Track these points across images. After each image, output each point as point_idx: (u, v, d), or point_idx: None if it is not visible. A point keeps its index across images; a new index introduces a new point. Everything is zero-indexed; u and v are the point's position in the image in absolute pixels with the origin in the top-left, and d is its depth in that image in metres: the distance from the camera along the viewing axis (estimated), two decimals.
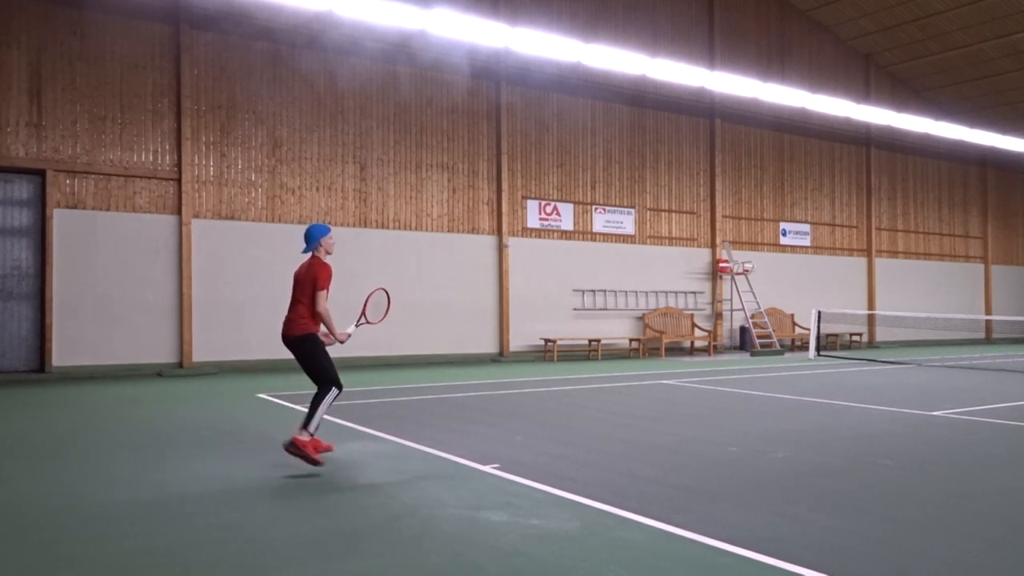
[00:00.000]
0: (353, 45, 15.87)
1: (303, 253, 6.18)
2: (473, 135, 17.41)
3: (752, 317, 20.66)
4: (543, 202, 18.31)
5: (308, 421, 5.77)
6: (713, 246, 20.96)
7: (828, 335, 21.61)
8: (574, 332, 18.43)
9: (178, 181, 14.18)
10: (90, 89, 13.61)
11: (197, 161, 14.43)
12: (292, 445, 5.63)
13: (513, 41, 15.21)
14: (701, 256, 20.84)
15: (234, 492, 5.09)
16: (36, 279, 13.31)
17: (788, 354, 20.05)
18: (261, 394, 10.55)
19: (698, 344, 20.37)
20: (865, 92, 24.11)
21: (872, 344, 23.82)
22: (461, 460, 6.09)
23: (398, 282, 15.90)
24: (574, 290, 18.61)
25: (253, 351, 14.55)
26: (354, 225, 15.85)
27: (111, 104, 13.77)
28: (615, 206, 19.38)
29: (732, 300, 20.97)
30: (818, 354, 19.08)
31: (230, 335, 14.50)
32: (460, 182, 17.24)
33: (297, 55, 15.42)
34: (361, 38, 15.88)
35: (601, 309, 18.97)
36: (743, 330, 20.80)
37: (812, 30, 23.06)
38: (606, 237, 19.23)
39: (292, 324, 5.99)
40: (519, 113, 17.95)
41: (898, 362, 17.03)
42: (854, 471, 5.75)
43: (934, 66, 24.09)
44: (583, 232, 18.87)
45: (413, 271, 16.49)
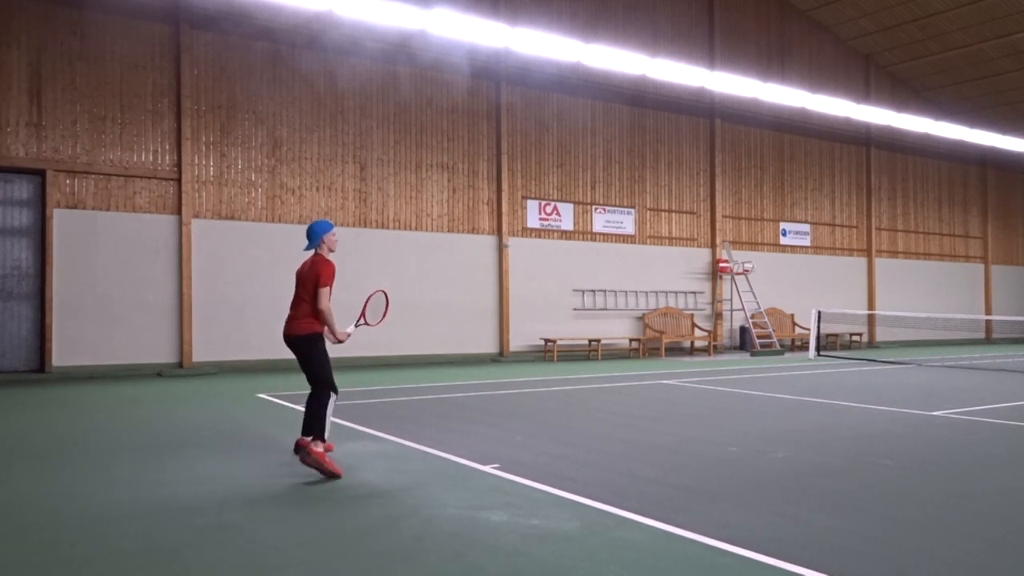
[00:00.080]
0: (353, 45, 15.88)
1: (305, 251, 6.06)
2: (473, 135, 17.41)
3: (752, 317, 20.66)
4: (543, 202, 18.31)
5: (320, 432, 5.65)
6: (713, 246, 20.96)
7: (828, 335, 21.61)
8: (574, 332, 18.43)
9: (178, 181, 14.18)
10: (90, 89, 13.62)
11: (197, 161, 14.43)
12: (307, 455, 5.50)
13: (513, 41, 15.21)
14: (701, 256, 20.84)
15: (234, 492, 5.09)
16: (36, 279, 13.32)
17: (788, 354, 20.05)
18: (261, 394, 10.55)
19: (698, 344, 20.37)
20: (865, 92, 24.11)
21: (872, 344, 23.82)
22: (461, 460, 6.09)
23: (398, 282, 15.92)
24: (574, 290, 18.61)
25: (253, 351, 14.56)
26: (354, 225, 15.85)
27: (111, 104, 13.77)
28: (615, 206, 19.38)
29: (732, 300, 20.97)
30: (818, 354, 19.08)
31: (230, 335, 14.51)
32: (460, 182, 17.24)
33: (297, 55, 15.42)
34: (361, 38, 15.88)
35: (601, 309, 18.97)
36: (743, 330, 20.80)
37: (812, 30, 23.06)
38: (606, 237, 19.23)
39: (295, 323, 5.89)
40: (519, 113, 17.95)
41: (898, 362, 17.03)
42: (854, 471, 5.75)
43: (934, 66, 24.09)
44: (583, 232, 18.87)
45: (413, 271, 16.49)
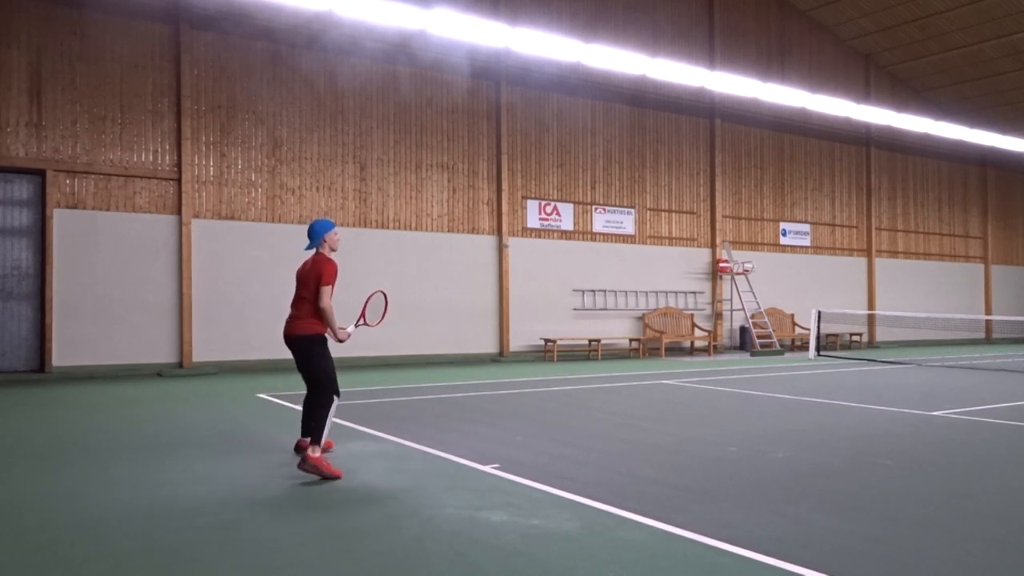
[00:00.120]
0: (353, 45, 15.88)
1: (306, 250, 5.98)
2: (473, 135, 17.41)
3: (752, 317, 20.66)
4: (543, 202, 18.31)
5: (317, 438, 5.53)
6: (713, 246, 20.96)
7: (828, 335, 21.61)
8: (574, 332, 18.43)
9: (178, 181, 14.18)
10: (90, 89, 13.62)
11: (197, 161, 14.43)
12: (304, 463, 5.41)
13: (513, 41, 15.20)
14: (701, 256, 20.84)
15: (234, 492, 5.09)
16: (36, 279, 13.32)
17: (788, 354, 20.05)
18: (261, 394, 10.55)
19: (698, 344, 20.37)
20: (865, 92, 24.11)
21: (872, 344, 23.82)
22: (461, 460, 6.09)
23: (398, 282, 15.92)
24: (574, 290, 18.61)
25: (253, 351, 14.56)
26: (354, 225, 15.85)
27: (111, 104, 13.77)
28: (615, 206, 19.38)
29: (732, 300, 20.97)
30: (818, 354, 19.08)
31: (230, 335, 14.51)
32: (460, 182, 17.24)
33: (297, 55, 15.42)
34: (361, 38, 15.88)
35: (601, 309, 18.97)
36: (743, 330, 20.80)
37: (812, 30, 23.06)
38: (606, 237, 19.23)
39: (297, 323, 5.78)
40: (519, 113, 17.95)
41: (898, 362, 17.03)
42: (854, 471, 5.74)
43: (934, 66, 24.09)
44: (583, 232, 18.87)
45: (413, 271, 16.49)
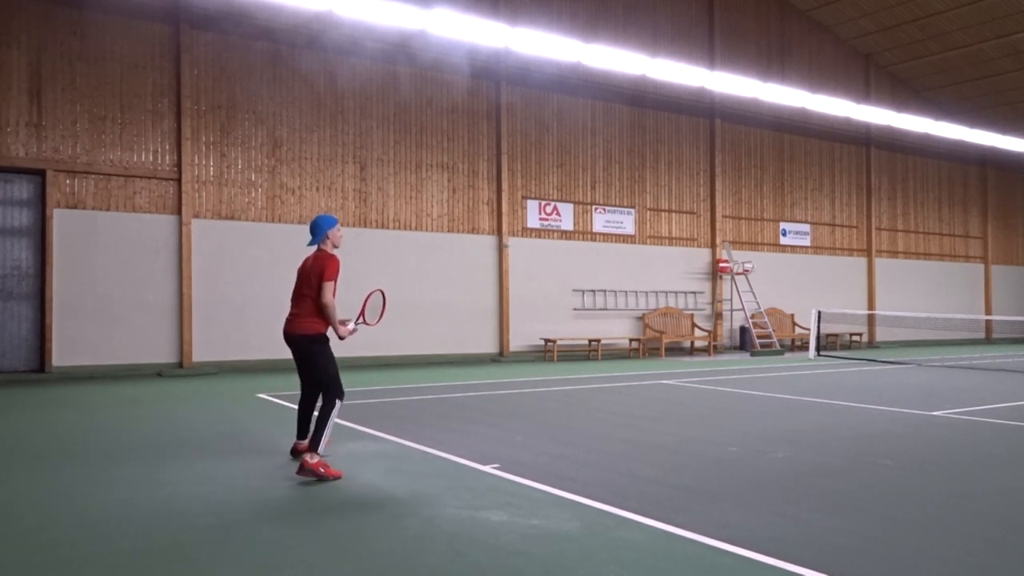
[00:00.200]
0: (353, 45, 15.88)
1: (308, 246, 5.88)
2: (473, 135, 17.41)
3: (752, 317, 20.66)
4: (543, 202, 18.31)
5: (316, 441, 5.37)
6: (713, 246, 20.96)
7: (828, 335, 21.61)
8: (574, 332, 18.43)
9: (178, 181, 14.18)
10: (90, 89, 13.61)
11: (197, 161, 14.43)
12: (302, 469, 5.27)
13: (513, 41, 15.20)
14: (701, 256, 20.84)
15: (234, 492, 5.09)
16: (36, 279, 13.32)
17: (788, 354, 20.05)
18: (261, 394, 10.55)
19: (698, 344, 20.37)
20: (865, 92, 24.11)
21: (872, 344, 23.82)
22: (461, 460, 6.09)
23: (398, 282, 15.92)
24: (574, 290, 18.61)
25: (253, 351, 14.56)
26: (354, 225, 15.85)
27: (111, 104, 13.77)
28: (615, 206, 19.38)
29: (732, 300, 20.97)
30: (818, 354, 19.07)
31: (230, 335, 14.51)
32: (460, 182, 17.24)
33: (297, 55, 15.42)
34: (361, 38, 15.88)
35: (601, 309, 18.97)
36: (743, 330, 20.80)
37: (812, 30, 23.06)
38: (606, 237, 19.23)
39: (298, 321, 5.63)
40: (519, 113, 17.95)
41: (898, 362, 17.03)
42: (854, 471, 5.74)
43: (934, 66, 24.09)
44: (583, 232, 18.87)
45: (413, 271, 16.49)
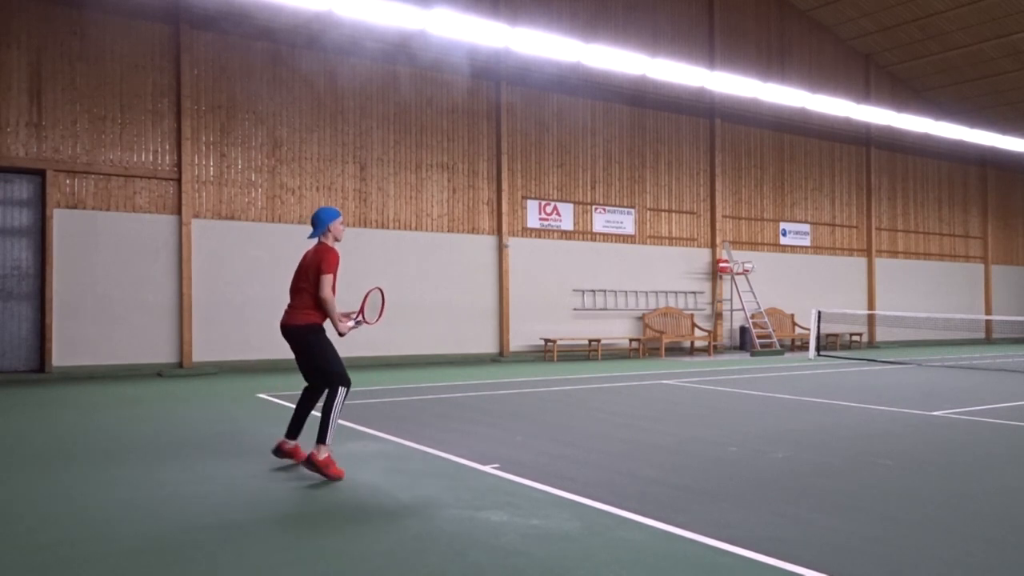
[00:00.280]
0: (353, 45, 15.88)
1: (309, 238, 5.83)
2: (473, 135, 17.41)
3: (752, 317, 20.66)
4: (543, 202, 18.31)
5: (323, 433, 5.34)
6: (713, 246, 20.96)
7: (828, 335, 21.61)
8: (574, 332, 18.43)
9: (178, 181, 14.18)
10: (90, 89, 13.61)
11: (197, 161, 14.43)
12: (309, 462, 5.28)
13: (513, 41, 15.20)
14: (701, 256, 20.84)
15: (234, 492, 5.09)
16: (36, 279, 13.32)
17: (788, 354, 20.04)
18: (261, 394, 10.55)
19: (698, 344, 20.37)
20: (865, 92, 24.11)
21: (872, 344, 23.82)
22: (461, 460, 6.09)
23: (398, 282, 15.92)
24: (574, 290, 18.61)
25: (253, 351, 14.56)
26: (354, 225, 15.85)
27: (111, 104, 13.77)
28: (615, 206, 19.38)
29: (732, 300, 20.97)
30: (818, 354, 19.08)
31: (230, 335, 14.51)
32: (460, 182, 17.24)
33: (297, 55, 15.42)
34: (361, 38, 15.88)
35: (601, 309, 18.97)
36: (743, 330, 20.80)
37: (812, 30, 23.06)
38: (606, 237, 19.23)
39: (296, 313, 5.59)
40: (519, 113, 17.95)
41: (898, 362, 17.02)
42: (854, 471, 5.74)
43: (934, 66, 24.09)
44: (583, 232, 18.87)
45: (413, 271, 16.49)
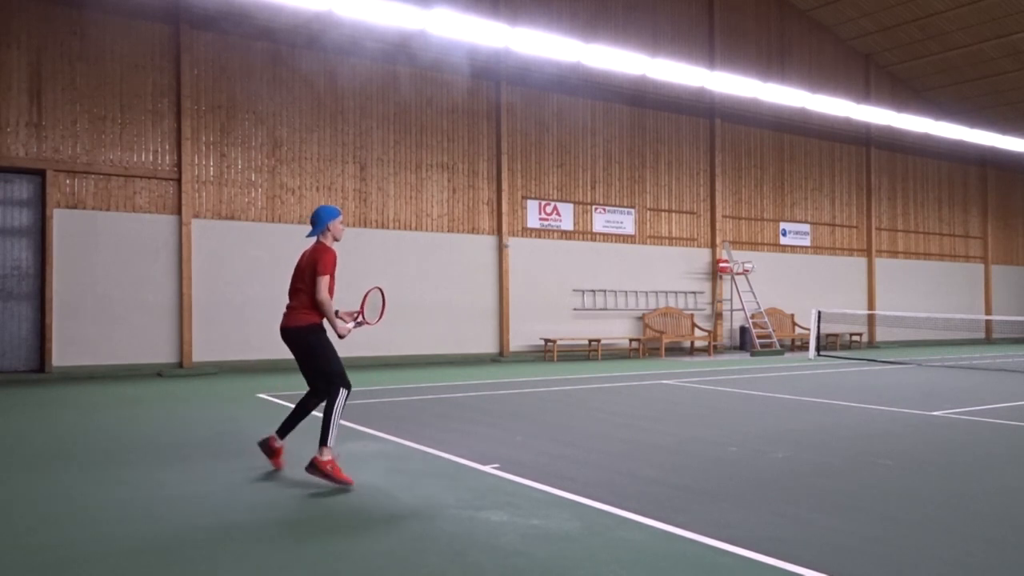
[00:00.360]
0: (353, 45, 15.88)
1: (308, 237, 5.73)
2: (473, 135, 17.41)
3: (752, 317, 20.66)
4: (543, 202, 18.31)
5: (324, 436, 5.25)
6: (713, 246, 20.96)
7: (828, 335, 21.61)
8: (574, 332, 18.43)
9: (178, 181, 14.18)
10: (90, 89, 13.61)
11: (197, 161, 14.43)
12: (312, 467, 5.16)
13: (513, 41, 15.20)
14: (701, 256, 20.84)
15: (234, 492, 5.09)
16: (36, 279, 13.32)
17: (788, 354, 20.04)
18: (261, 394, 10.55)
19: (698, 344, 20.37)
20: (865, 92, 24.11)
21: (872, 344, 23.82)
22: (461, 460, 6.09)
23: (398, 282, 15.92)
24: (574, 290, 18.61)
25: (253, 351, 14.55)
26: (354, 225, 15.85)
27: (111, 104, 13.77)
28: (615, 206, 19.38)
29: (732, 300, 20.97)
30: (818, 354, 19.07)
31: (230, 335, 14.51)
32: (460, 182, 17.24)
33: (297, 55, 15.42)
34: (361, 38, 15.88)
35: (601, 309, 18.97)
36: (743, 330, 20.80)
37: (812, 30, 23.06)
38: (606, 237, 19.23)
39: (294, 314, 5.54)
40: (519, 113, 17.95)
41: (898, 362, 17.02)
42: (854, 471, 5.74)
43: (934, 66, 24.09)
44: (583, 232, 18.87)
45: (413, 271, 16.49)
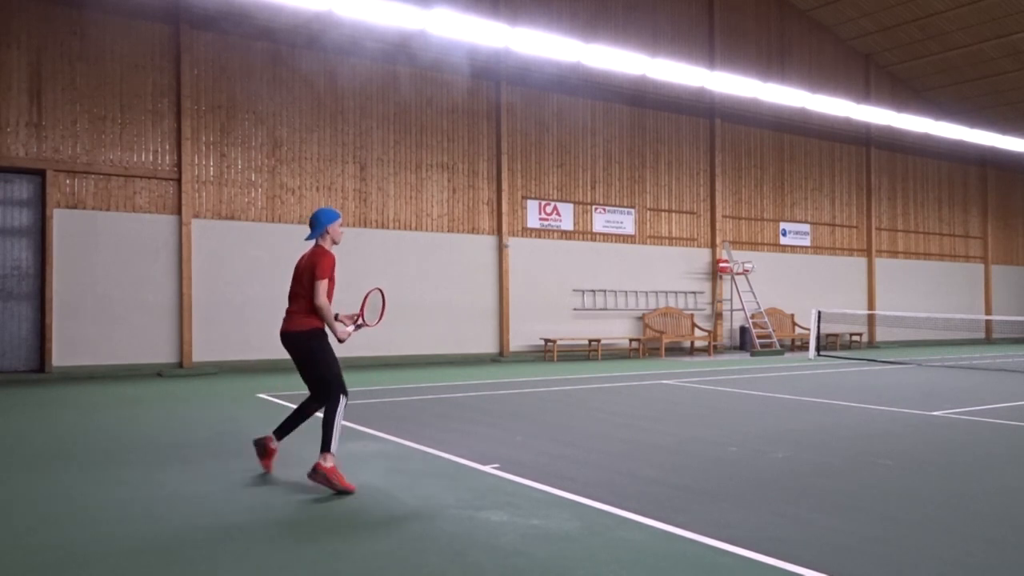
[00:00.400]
0: (353, 45, 15.88)
1: (306, 240, 5.65)
2: (473, 135, 17.41)
3: (752, 317, 20.66)
4: (543, 202, 18.31)
5: (326, 442, 5.20)
6: (713, 246, 20.96)
7: (828, 335, 21.61)
8: (574, 332, 18.43)
9: (178, 181, 14.18)
10: (90, 89, 13.61)
11: (197, 161, 14.43)
12: (315, 473, 5.08)
13: (513, 41, 15.20)
14: (701, 256, 20.84)
15: (234, 492, 5.09)
16: (36, 279, 13.32)
17: (788, 354, 20.04)
18: (261, 394, 10.55)
19: (698, 344, 20.37)
20: (865, 92, 24.11)
21: (872, 344, 23.82)
22: (461, 460, 6.09)
23: (398, 282, 15.92)
24: (574, 290, 18.61)
25: (253, 351, 14.56)
26: (354, 225, 15.85)
27: (111, 104, 13.77)
28: (615, 206, 19.38)
29: (732, 300, 20.97)
30: (818, 354, 19.07)
31: (230, 335, 14.51)
32: (460, 182, 17.24)
33: (297, 55, 15.42)
34: (361, 38, 15.88)
35: (601, 309, 18.97)
36: (743, 330, 20.80)
37: (812, 30, 23.06)
38: (606, 237, 19.23)
39: (294, 319, 5.48)
40: (519, 113, 17.95)
41: (898, 362, 17.02)
42: (854, 471, 5.74)
43: (934, 66, 24.09)
44: (583, 232, 18.87)
45: (413, 271, 16.49)
